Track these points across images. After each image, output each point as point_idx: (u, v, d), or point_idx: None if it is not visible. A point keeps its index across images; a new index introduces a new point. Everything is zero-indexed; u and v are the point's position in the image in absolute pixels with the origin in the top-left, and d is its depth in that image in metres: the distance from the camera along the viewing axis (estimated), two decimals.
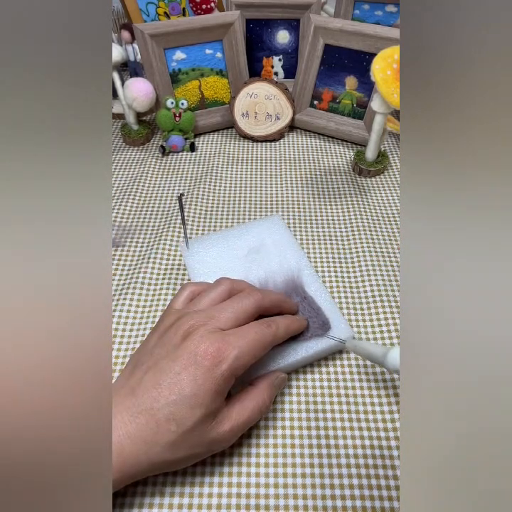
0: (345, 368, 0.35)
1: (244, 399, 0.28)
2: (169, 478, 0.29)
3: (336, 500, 0.28)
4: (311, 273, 0.38)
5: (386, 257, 0.45)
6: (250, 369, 0.29)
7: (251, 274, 0.38)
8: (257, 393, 0.29)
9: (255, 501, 0.28)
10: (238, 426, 0.27)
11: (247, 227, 0.43)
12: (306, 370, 0.35)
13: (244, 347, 0.27)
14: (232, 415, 0.27)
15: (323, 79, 0.60)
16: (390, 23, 0.67)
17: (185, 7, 0.67)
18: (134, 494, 0.28)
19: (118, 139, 0.61)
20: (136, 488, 0.28)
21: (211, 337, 0.26)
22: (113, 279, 0.42)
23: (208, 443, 0.26)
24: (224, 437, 0.27)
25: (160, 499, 0.28)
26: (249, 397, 0.29)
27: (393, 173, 0.56)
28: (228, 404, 0.27)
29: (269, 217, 0.44)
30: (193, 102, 0.61)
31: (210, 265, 0.39)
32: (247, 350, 0.27)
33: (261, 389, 0.29)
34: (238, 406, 0.28)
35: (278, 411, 0.32)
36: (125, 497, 0.28)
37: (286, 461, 0.30)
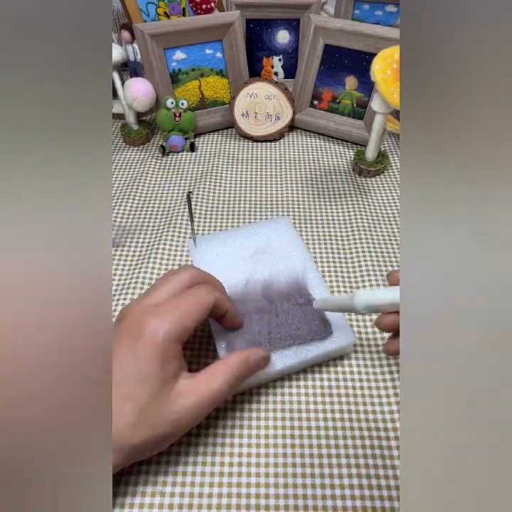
0: (346, 368, 0.35)
1: (212, 372, 0.27)
2: (170, 479, 0.29)
3: (336, 500, 0.28)
4: (317, 276, 0.39)
5: (386, 257, 0.45)
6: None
7: (256, 274, 0.38)
8: (227, 367, 0.28)
9: (255, 501, 0.28)
10: (205, 398, 0.26)
11: (254, 228, 0.43)
12: (307, 370, 0.35)
13: (181, 310, 0.27)
14: (198, 388, 0.26)
15: (323, 79, 0.60)
16: (390, 23, 0.67)
17: (185, 7, 0.67)
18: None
19: (118, 139, 0.61)
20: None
21: (145, 311, 0.27)
22: (113, 279, 0.42)
23: (173, 420, 0.25)
24: (190, 411, 0.26)
25: (158, 500, 0.28)
26: (217, 370, 0.27)
27: (393, 173, 0.56)
28: (194, 378, 0.27)
29: (277, 219, 0.45)
30: (193, 102, 0.61)
31: (216, 264, 0.39)
32: (185, 312, 0.27)
33: (231, 363, 0.28)
34: (204, 379, 0.27)
35: (278, 411, 0.32)
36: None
37: (287, 461, 0.30)
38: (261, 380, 0.33)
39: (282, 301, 0.36)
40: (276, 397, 0.33)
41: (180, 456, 0.30)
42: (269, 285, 0.37)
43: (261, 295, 0.36)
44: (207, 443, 0.31)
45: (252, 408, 0.32)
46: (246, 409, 0.32)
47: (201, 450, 0.30)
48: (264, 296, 0.36)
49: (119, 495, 0.28)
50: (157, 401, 0.25)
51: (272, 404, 0.33)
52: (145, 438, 0.25)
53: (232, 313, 0.32)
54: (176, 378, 0.26)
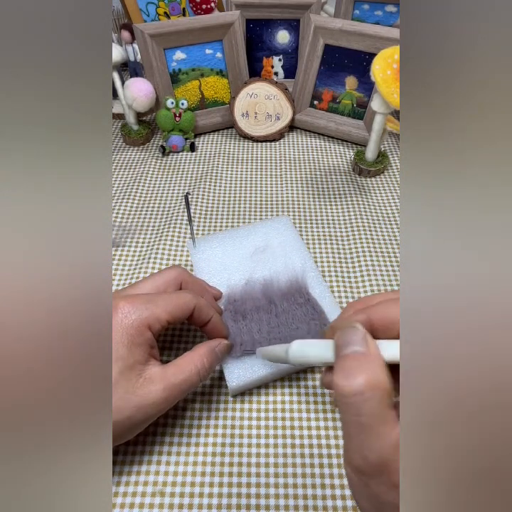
0: None
1: (182, 362, 0.28)
2: (170, 479, 0.29)
3: (336, 501, 0.28)
4: (316, 275, 0.38)
5: (386, 257, 0.45)
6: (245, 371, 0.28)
7: (255, 274, 0.38)
8: (196, 357, 0.28)
9: (255, 501, 0.28)
10: (174, 386, 0.27)
11: (254, 227, 0.43)
12: (307, 370, 0.35)
13: (157, 302, 0.27)
14: (167, 375, 0.27)
15: (323, 79, 0.60)
16: (390, 23, 0.67)
17: (185, 7, 0.67)
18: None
19: (118, 139, 0.61)
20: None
21: (123, 297, 0.27)
22: (113, 279, 0.42)
23: (139, 404, 0.25)
24: (157, 397, 0.26)
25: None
26: (187, 360, 0.28)
27: (393, 173, 0.56)
28: (164, 366, 0.27)
29: (277, 218, 0.44)
30: (193, 102, 0.61)
31: (216, 264, 0.39)
32: (161, 306, 0.27)
33: (200, 353, 0.29)
34: (174, 367, 0.27)
35: (278, 411, 0.32)
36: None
37: (287, 461, 0.30)
38: (261, 380, 0.33)
39: (282, 301, 0.36)
40: (276, 397, 0.33)
41: (180, 456, 0.30)
42: (268, 285, 0.37)
43: (261, 295, 0.36)
44: (207, 443, 0.31)
45: (252, 408, 0.32)
46: (246, 410, 0.32)
47: (201, 450, 0.30)
48: (264, 295, 0.36)
49: (119, 495, 0.28)
50: (124, 384, 0.25)
51: (272, 404, 0.33)
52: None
53: (216, 324, 0.31)
54: (145, 364, 0.27)
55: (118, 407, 0.25)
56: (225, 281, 0.37)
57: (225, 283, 0.37)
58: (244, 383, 0.32)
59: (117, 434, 0.26)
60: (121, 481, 0.28)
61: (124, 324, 0.26)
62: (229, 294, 0.36)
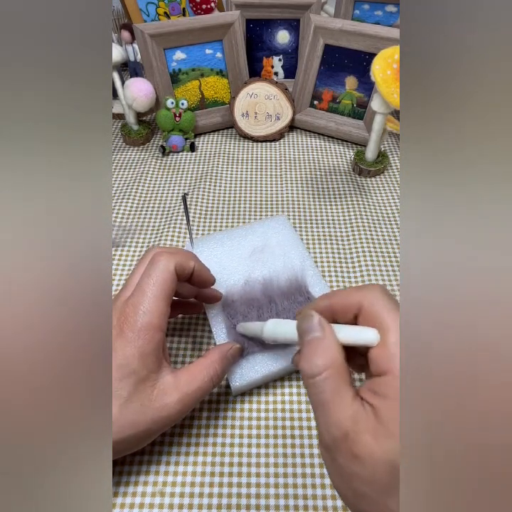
0: None
1: (195, 370, 0.28)
2: (170, 479, 0.29)
3: (336, 501, 0.28)
4: (316, 274, 0.38)
5: (386, 257, 0.45)
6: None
7: (255, 273, 0.38)
8: (208, 363, 0.28)
9: (255, 501, 0.28)
10: (188, 396, 0.26)
11: (252, 227, 0.43)
12: None
13: (154, 297, 0.26)
14: (180, 385, 0.26)
15: (323, 79, 0.60)
16: (390, 23, 0.67)
17: (185, 7, 0.67)
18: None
19: (118, 139, 0.61)
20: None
21: (118, 307, 0.27)
22: (113, 279, 0.42)
23: (155, 417, 0.25)
24: (172, 409, 0.26)
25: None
26: (200, 367, 0.28)
27: (393, 173, 0.56)
28: (176, 375, 0.27)
29: (274, 217, 0.44)
30: (193, 102, 0.61)
31: (215, 264, 0.39)
32: (156, 296, 0.26)
33: (212, 359, 0.29)
34: (187, 376, 0.27)
35: (279, 411, 0.32)
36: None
37: (287, 461, 0.30)
38: (263, 379, 0.33)
39: (282, 300, 0.36)
40: (276, 397, 0.33)
41: (180, 456, 0.30)
42: (268, 284, 0.37)
43: (260, 294, 0.36)
44: (207, 443, 0.31)
45: (252, 408, 0.32)
46: (246, 410, 0.32)
47: (201, 450, 0.30)
48: (264, 295, 0.36)
49: (119, 495, 0.28)
50: (139, 398, 0.25)
51: (272, 404, 0.33)
52: (126, 435, 0.24)
53: (201, 270, 0.31)
54: (158, 373, 0.26)
55: (134, 421, 0.25)
56: (225, 281, 0.37)
57: (224, 283, 0.37)
58: (247, 383, 0.32)
59: (132, 446, 0.26)
60: (121, 480, 0.29)
61: (130, 337, 0.25)
62: (229, 294, 0.36)
